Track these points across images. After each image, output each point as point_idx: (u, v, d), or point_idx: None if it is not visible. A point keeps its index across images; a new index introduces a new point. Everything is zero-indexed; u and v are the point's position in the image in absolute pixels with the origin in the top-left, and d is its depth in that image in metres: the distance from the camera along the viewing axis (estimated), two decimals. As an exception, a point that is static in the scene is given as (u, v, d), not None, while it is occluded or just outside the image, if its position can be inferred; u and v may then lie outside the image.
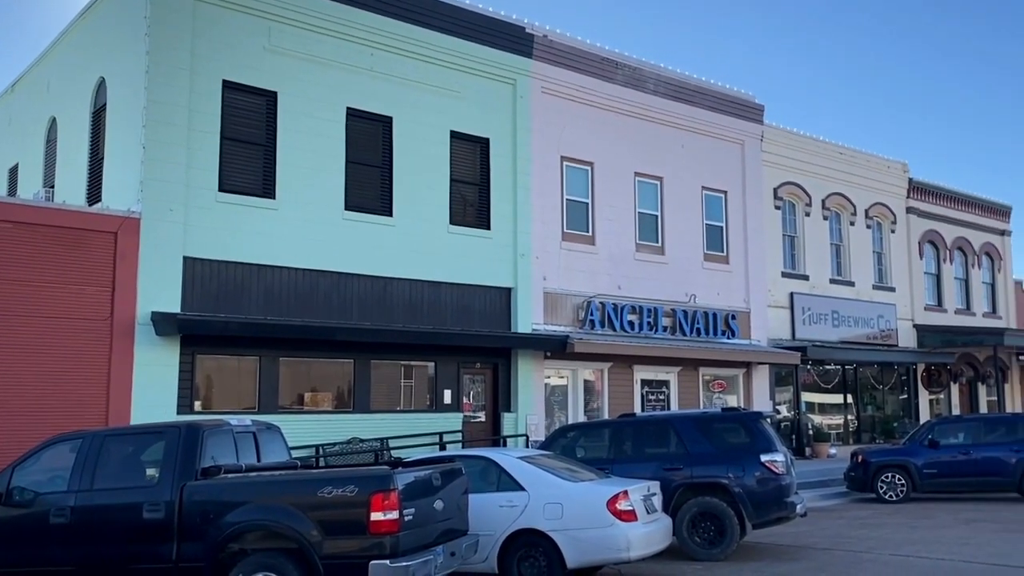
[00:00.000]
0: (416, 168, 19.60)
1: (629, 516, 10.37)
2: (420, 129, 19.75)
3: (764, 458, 12.66)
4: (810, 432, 27.72)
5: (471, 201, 20.73)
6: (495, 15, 21.34)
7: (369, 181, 19.07)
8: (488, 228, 20.71)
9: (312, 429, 17.38)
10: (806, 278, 28.41)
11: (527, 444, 19.36)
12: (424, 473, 8.88)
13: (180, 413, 15.76)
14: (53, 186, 20.26)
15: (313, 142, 18.20)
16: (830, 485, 20.80)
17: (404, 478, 8.36)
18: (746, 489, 12.52)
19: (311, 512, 8.15)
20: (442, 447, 18.33)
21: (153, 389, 15.67)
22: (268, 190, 17.65)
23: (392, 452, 17.65)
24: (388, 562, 7.92)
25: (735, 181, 26.26)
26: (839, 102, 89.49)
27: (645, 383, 23.61)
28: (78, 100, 19.45)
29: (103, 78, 18.48)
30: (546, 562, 10.33)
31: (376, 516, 7.98)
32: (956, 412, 32.09)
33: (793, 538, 14.07)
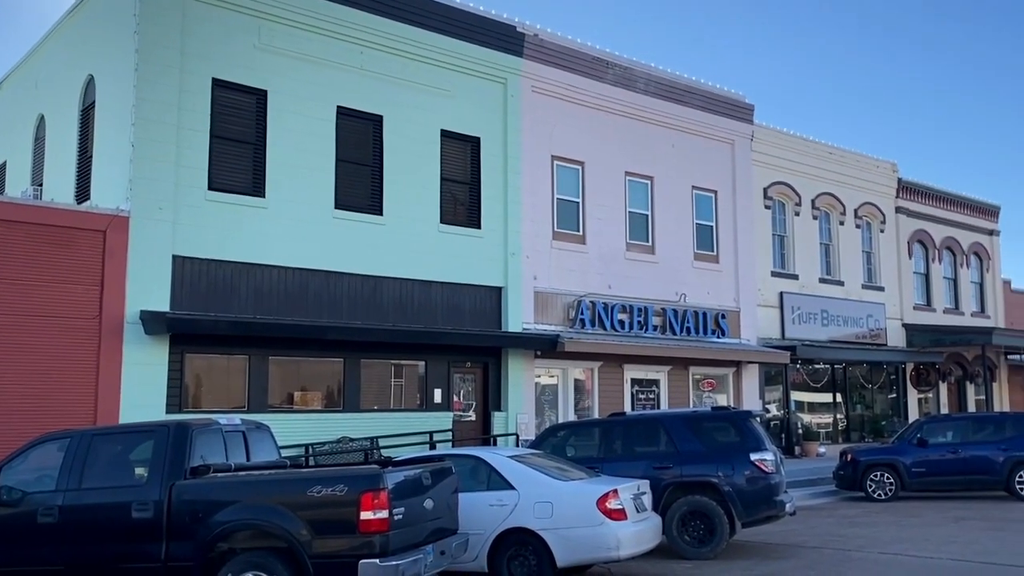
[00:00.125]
0: (406, 167, 19.58)
1: (619, 515, 10.38)
2: (410, 128, 19.73)
3: (754, 457, 12.71)
4: (799, 431, 27.83)
5: (461, 200, 20.72)
6: (486, 14, 21.33)
7: (359, 180, 19.05)
8: (479, 227, 20.71)
9: (302, 428, 17.36)
10: (796, 277, 28.49)
11: (517, 443, 19.36)
12: (414, 472, 8.87)
13: (169, 412, 15.71)
14: (41, 184, 20.18)
15: (303, 141, 18.17)
16: (819, 484, 20.88)
17: (394, 477, 8.36)
18: (735, 488, 12.56)
19: (301, 511, 8.14)
20: (432, 446, 18.33)
21: (142, 388, 15.63)
22: (258, 189, 17.61)
23: (382, 451, 17.64)
24: (378, 561, 7.93)
25: (725, 181, 26.32)
26: (829, 102, 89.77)
27: (635, 382, 23.65)
28: (67, 98, 19.36)
29: (92, 76, 18.40)
30: (536, 561, 10.33)
31: (366, 515, 7.98)
32: (944, 411, 32.23)
33: (782, 536, 14.11)
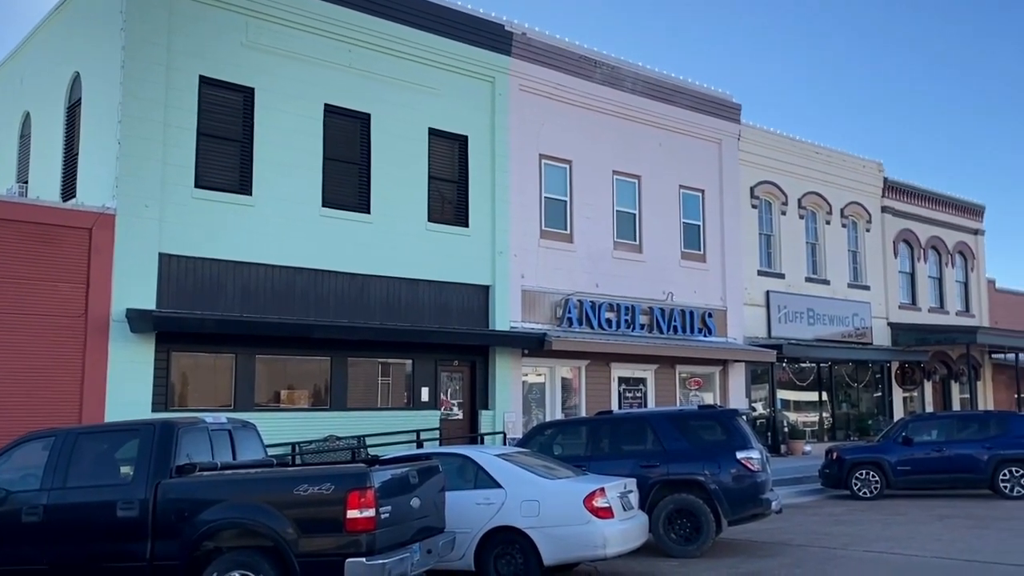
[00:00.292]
0: (394, 165, 19.56)
1: (606, 513, 10.39)
2: (398, 126, 19.70)
3: (740, 455, 12.75)
4: (785, 429, 27.95)
5: (449, 198, 20.71)
6: (474, 12, 21.33)
7: (347, 178, 19.01)
8: (466, 226, 20.70)
9: (289, 427, 17.32)
10: (782, 276, 28.60)
11: (504, 442, 19.37)
12: (401, 471, 8.87)
13: (155, 411, 15.66)
14: (27, 181, 20.07)
15: (290, 138, 18.12)
16: (805, 482, 20.96)
17: (381, 476, 8.36)
18: (722, 486, 12.61)
19: (287, 510, 8.13)
20: (419, 445, 18.31)
21: (128, 386, 15.56)
22: (245, 186, 17.56)
23: (369, 450, 17.62)
24: (364, 560, 7.92)
25: (712, 180, 26.39)
26: (815, 102, 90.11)
27: (622, 381, 23.69)
28: (53, 95, 19.26)
29: (78, 73, 18.31)
30: (523, 559, 10.34)
31: (352, 514, 7.97)
32: (929, 410, 32.40)
33: (768, 534, 14.17)
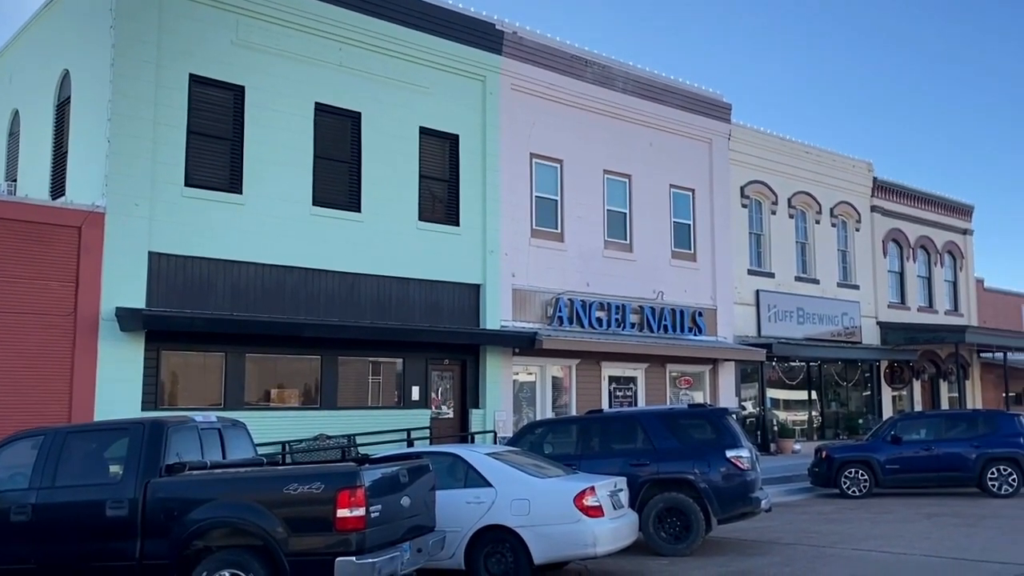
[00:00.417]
0: (385, 164, 19.54)
1: (596, 512, 10.41)
2: (389, 125, 19.69)
3: (729, 454, 12.79)
4: (775, 428, 28.02)
5: (440, 197, 20.71)
6: (465, 11, 21.32)
7: (337, 177, 18.99)
8: (457, 224, 20.70)
9: (279, 426, 17.30)
10: (772, 276, 28.67)
11: (495, 440, 19.39)
12: (391, 470, 8.88)
13: (145, 410, 15.62)
14: (16, 179, 20.00)
15: (281, 137, 18.09)
16: (794, 481, 21.03)
17: (371, 475, 8.37)
18: (712, 485, 12.65)
19: (277, 509, 8.13)
20: (410, 443, 18.31)
21: (117, 385, 15.52)
22: (235, 185, 17.52)
23: (359, 449, 17.62)
24: (354, 559, 7.93)
25: (703, 179, 26.44)
26: (806, 101, 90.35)
27: (613, 379, 23.73)
28: (42, 93, 19.18)
29: (67, 70, 18.24)
30: (513, 558, 10.35)
31: (342, 513, 7.98)
32: (918, 408, 32.55)
33: (758, 533, 14.22)
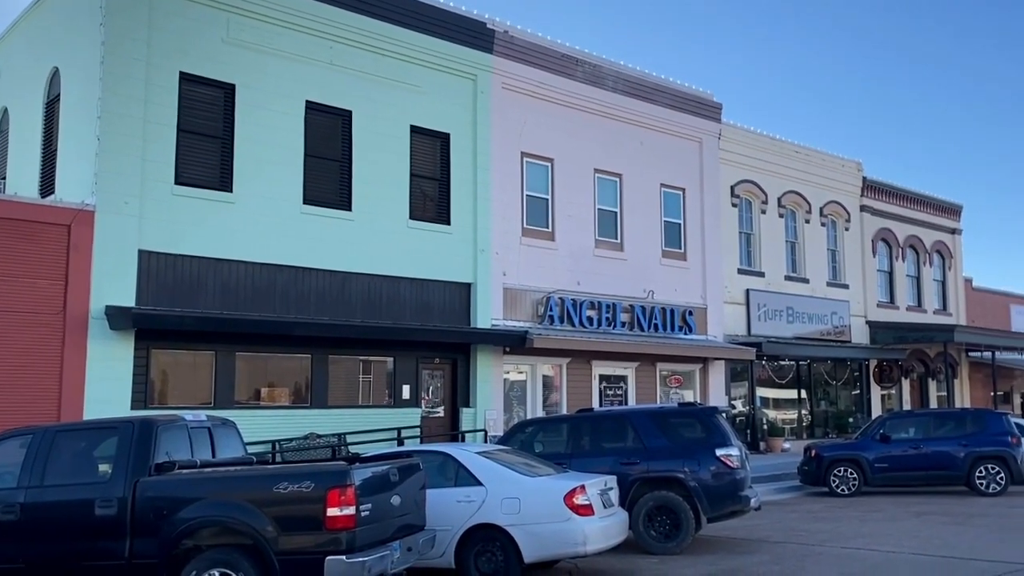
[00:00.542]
0: (376, 162, 19.52)
1: (586, 510, 10.42)
2: (380, 123, 19.67)
3: (719, 452, 12.82)
4: (764, 427, 28.11)
5: (431, 196, 20.70)
6: (456, 10, 21.31)
7: (328, 175, 18.96)
8: (448, 223, 20.69)
9: (269, 424, 17.28)
10: (762, 275, 28.75)
11: (486, 439, 19.39)
12: (381, 469, 8.88)
13: (134, 408, 15.57)
14: (4, 177, 19.91)
15: (271, 135, 18.05)
16: (784, 479, 21.10)
17: (361, 474, 8.37)
18: (701, 483, 12.68)
19: (267, 508, 8.12)
20: (400, 442, 18.31)
21: (107, 384, 15.47)
22: (225, 183, 17.47)
23: (350, 447, 17.60)
24: (344, 558, 7.93)
25: (693, 179, 26.49)
26: (796, 101, 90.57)
27: (603, 378, 23.76)
28: (31, 90, 19.10)
29: (57, 68, 18.16)
30: (503, 557, 10.36)
31: (332, 512, 7.98)
32: (907, 407, 32.69)
33: (747, 531, 14.26)
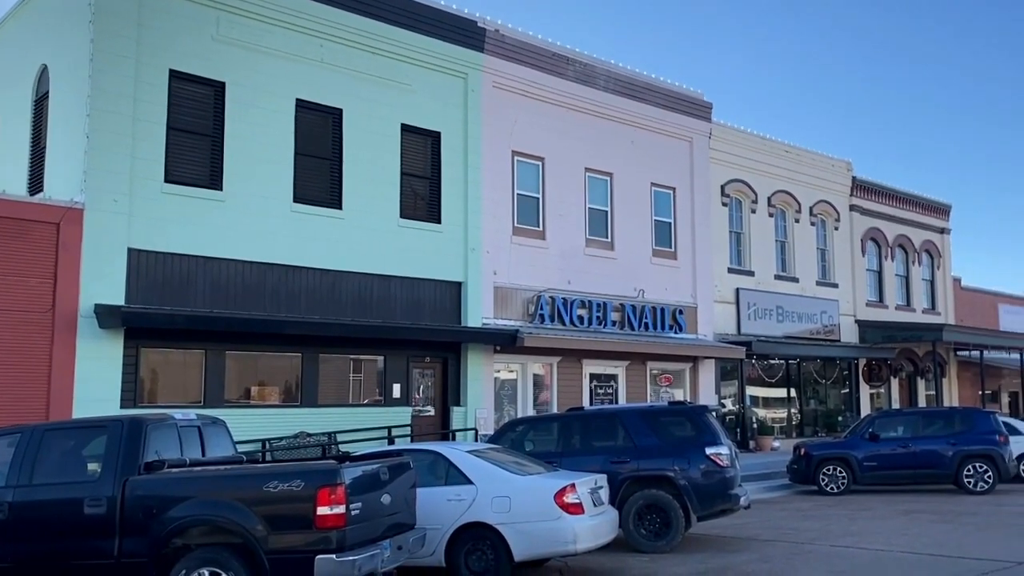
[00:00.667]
0: (366, 161, 19.50)
1: (576, 509, 10.43)
2: (370, 122, 19.64)
3: (709, 451, 12.84)
4: (754, 425, 28.17)
5: (422, 195, 20.68)
6: (447, 8, 21.30)
7: (318, 173, 18.93)
8: (439, 222, 20.68)
9: (259, 423, 17.23)
10: (752, 274, 28.82)
11: (476, 438, 19.40)
12: (372, 467, 8.87)
13: (124, 407, 15.51)
14: (-8, 175, 19.78)
15: (261, 133, 18.01)
16: (773, 477, 21.16)
17: (351, 472, 8.35)
18: (691, 481, 12.70)
19: (257, 507, 8.09)
20: (391, 441, 18.29)
21: (96, 383, 15.41)
22: (215, 181, 17.42)
23: (340, 446, 17.57)
24: (334, 556, 7.91)
25: (683, 178, 26.54)
26: (786, 101, 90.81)
27: (594, 377, 23.79)
28: (19, 87, 19.00)
29: (45, 65, 18.08)
30: (493, 555, 10.37)
31: (323, 511, 7.95)
32: (896, 406, 32.81)
33: (737, 530, 14.30)
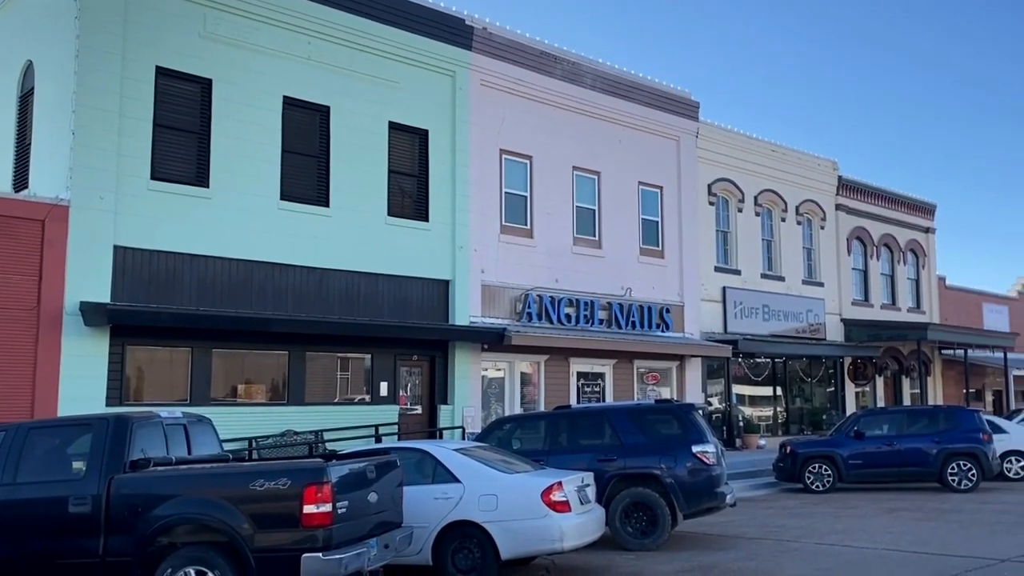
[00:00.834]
0: (354, 158, 19.46)
1: (563, 507, 10.46)
2: (358, 119, 19.60)
3: (695, 449, 12.90)
4: (740, 424, 28.28)
5: (409, 193, 20.66)
6: (434, 6, 21.27)
7: (305, 171, 18.88)
8: (426, 220, 20.67)
9: (245, 421, 17.19)
10: (738, 273, 28.92)
11: (463, 436, 19.41)
12: (358, 466, 8.87)
13: (109, 405, 15.44)
14: (-24, 171, 19.66)
15: (248, 131, 17.95)
16: (759, 476, 21.25)
17: (338, 471, 8.35)
18: (678, 479, 12.75)
19: (243, 505, 8.08)
20: (378, 439, 18.29)
21: (81, 381, 15.33)
22: (202, 179, 17.36)
23: (327, 445, 17.56)
24: (320, 555, 7.91)
25: (671, 177, 26.60)
26: (772, 100, 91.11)
27: (581, 375, 23.84)
28: (4, 84, 18.88)
29: (31, 61, 17.97)
30: (480, 553, 10.39)
31: (309, 509, 7.95)
32: (881, 404, 33.01)
33: (723, 528, 14.36)
